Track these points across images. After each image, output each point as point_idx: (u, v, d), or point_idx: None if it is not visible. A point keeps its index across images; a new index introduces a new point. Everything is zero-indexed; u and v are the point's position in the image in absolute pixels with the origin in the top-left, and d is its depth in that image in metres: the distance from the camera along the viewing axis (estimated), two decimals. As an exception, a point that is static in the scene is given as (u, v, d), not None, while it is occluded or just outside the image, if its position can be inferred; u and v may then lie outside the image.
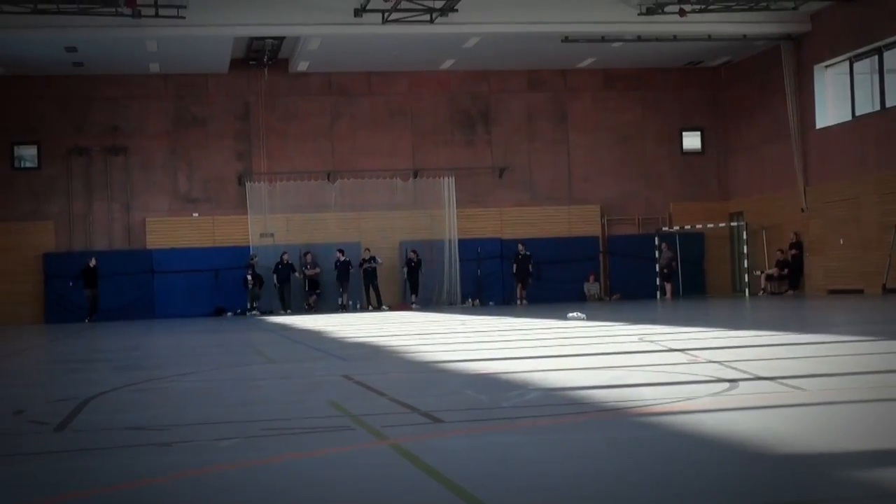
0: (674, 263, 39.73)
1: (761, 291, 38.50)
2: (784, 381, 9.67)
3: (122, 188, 38.65)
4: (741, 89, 40.77)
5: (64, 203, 38.34)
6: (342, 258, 37.89)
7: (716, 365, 11.27)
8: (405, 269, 38.61)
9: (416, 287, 38.53)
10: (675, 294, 39.48)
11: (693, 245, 40.95)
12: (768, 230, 39.28)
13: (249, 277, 37.56)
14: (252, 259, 37.84)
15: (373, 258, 38.09)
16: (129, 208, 38.69)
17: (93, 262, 36.56)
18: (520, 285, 39.16)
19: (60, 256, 37.64)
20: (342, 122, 39.88)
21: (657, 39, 36.78)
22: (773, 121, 38.59)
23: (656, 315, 27.11)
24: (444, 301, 39.13)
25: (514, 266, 39.17)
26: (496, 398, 9.25)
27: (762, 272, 38.90)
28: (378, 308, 37.74)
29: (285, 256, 37.76)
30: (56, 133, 38.29)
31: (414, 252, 38.53)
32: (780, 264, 38.17)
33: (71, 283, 36.46)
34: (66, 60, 36.26)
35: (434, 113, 40.45)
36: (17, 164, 38.51)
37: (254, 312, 37.28)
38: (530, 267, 39.14)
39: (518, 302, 38.94)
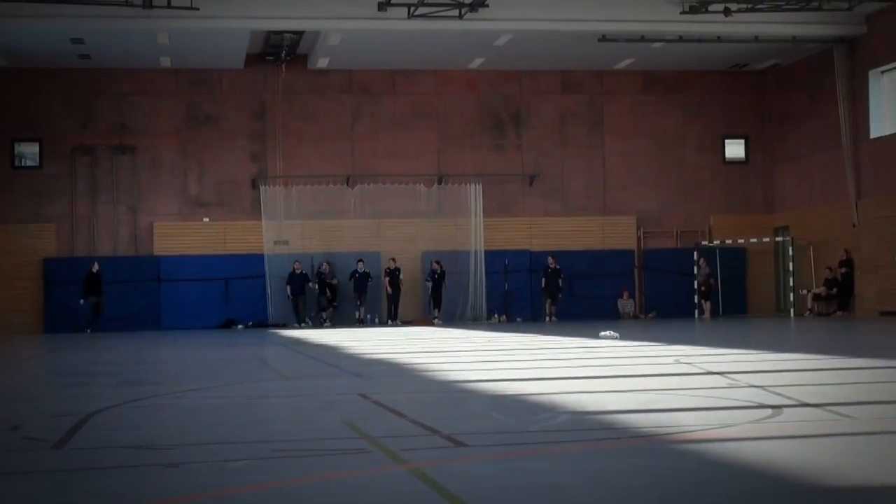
0: (712, 280, 39.55)
1: (808, 312, 38.31)
2: (832, 408, 9.64)
3: (129, 190, 38.76)
4: (789, 95, 40.64)
5: (66, 205, 38.46)
6: (361, 269, 37.89)
7: (758, 390, 11.24)
8: (429, 283, 38.55)
9: (439, 301, 38.49)
10: (714, 313, 39.31)
11: (735, 261, 40.79)
12: (816, 246, 39.11)
13: (315, 286, 37.74)
14: (322, 267, 38.00)
15: (398, 268, 38.12)
16: (135, 211, 38.79)
17: (96, 268, 36.61)
18: (549, 301, 39.10)
19: (62, 262, 37.73)
20: (363, 123, 39.93)
21: (700, 40, 36.71)
22: (823, 129, 38.44)
23: (694, 335, 27.03)
24: (468, 316, 39.07)
25: (544, 280, 39.10)
26: (523, 421, 9.24)
27: (809, 291, 38.72)
28: (393, 322, 37.76)
29: (297, 265, 37.76)
30: (59, 130, 38.44)
31: (437, 263, 38.50)
32: (829, 283, 37.98)
33: (81, 301, 36.36)
34: (71, 52, 36.41)
35: (461, 115, 40.45)
36: (17, 163, 38.65)
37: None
38: (560, 281, 39.06)
39: (547, 319, 38.87)
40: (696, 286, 39.54)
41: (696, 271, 39.57)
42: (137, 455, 7.89)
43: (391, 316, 38.18)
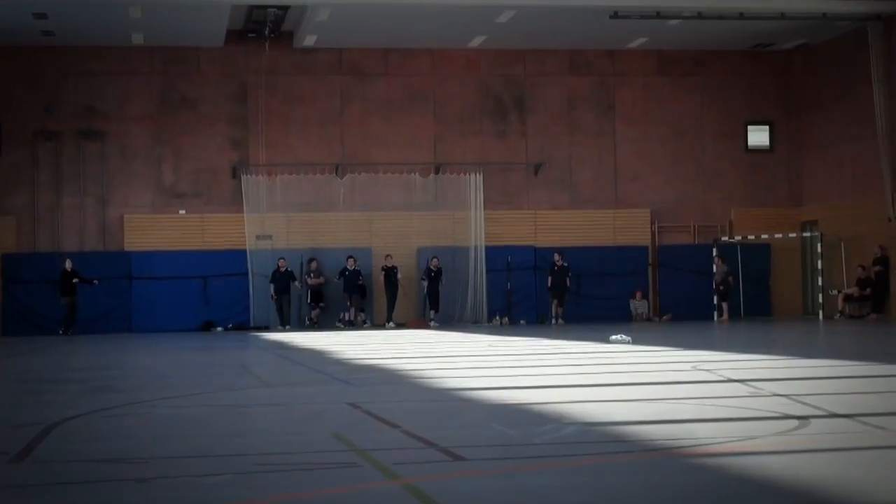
0: (730, 279, 39.53)
1: (838, 314, 38.30)
2: (864, 419, 9.65)
3: (97, 179, 38.74)
4: (818, 77, 40.64)
5: (28, 196, 38.41)
6: (351, 267, 37.86)
7: (782, 399, 11.26)
8: (425, 282, 38.52)
9: (435, 301, 38.46)
10: (735, 315, 39.29)
11: (758, 258, 40.78)
12: (847, 242, 39.11)
13: (340, 281, 37.99)
14: (350, 263, 38.10)
15: (395, 266, 38.14)
16: (104, 203, 38.76)
17: (69, 265, 36.47)
18: (556, 301, 39.07)
19: (22, 258, 37.66)
20: (354, 107, 39.93)
21: (720, 17, 36.70)
22: (855, 115, 38.44)
23: (713, 339, 27.08)
24: (467, 318, 39.08)
25: (550, 279, 39.08)
26: (527, 433, 9.26)
27: (839, 292, 38.71)
28: (388, 324, 37.76)
29: (282, 262, 37.75)
30: (21, 113, 38.37)
31: (435, 259, 38.50)
32: (862, 283, 37.99)
33: (63, 300, 36.27)
34: (33, 28, 36.34)
35: (460, 98, 40.44)
36: (-25, 150, 38.68)
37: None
38: (568, 280, 39.05)
39: (553, 321, 38.86)
40: (713, 286, 39.55)
41: (714, 269, 39.57)
42: (106, 469, 7.90)
43: (388, 318, 38.13)
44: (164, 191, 39.01)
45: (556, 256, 38.94)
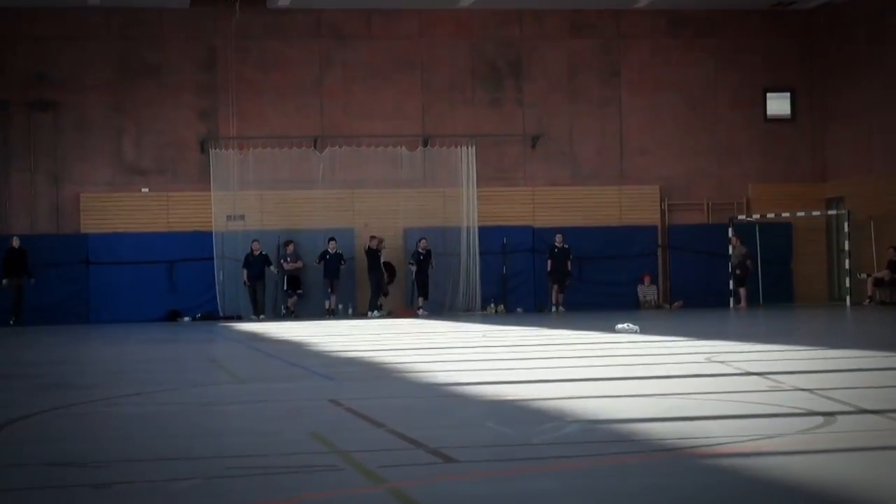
0: (749, 262, 39.56)
1: (867, 300, 38.37)
2: (894, 415, 9.67)
3: (50, 154, 38.67)
4: (844, 39, 40.62)
5: (-25, 173, 38.41)
6: (333, 250, 37.82)
7: (806, 394, 11.28)
8: (413, 266, 38.48)
9: (424, 288, 38.45)
10: (753, 301, 39.31)
11: (778, 239, 40.82)
12: (877, 221, 39.13)
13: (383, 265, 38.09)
14: (381, 244, 38.02)
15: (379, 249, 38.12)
16: (57, 180, 38.69)
17: (16, 243, 36.40)
18: (556, 287, 39.12)
19: (-32, 241, 37.66)
20: (334, 74, 39.88)
21: (737, -26, 36.75)
22: (885, 81, 38.44)
23: (729, 328, 27.12)
24: (459, 306, 39.09)
25: (550, 263, 39.12)
26: (524, 432, 9.28)
27: (869, 275, 38.76)
28: (372, 313, 37.75)
29: (255, 245, 37.72)
30: (-34, 83, 38.36)
31: (424, 240, 38.47)
32: (893, 265, 38.05)
33: (4, 282, 36.19)
34: (-20, -10, 36.32)
35: (450, 64, 40.41)
36: (-84, 122, 38.61)
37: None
38: (569, 264, 39.09)
39: (553, 309, 38.92)
40: (730, 269, 39.58)
41: (730, 251, 39.60)
42: (61, 473, 7.90)
43: (372, 306, 38.09)
44: (124, 167, 38.93)
45: (557, 238, 38.93)
